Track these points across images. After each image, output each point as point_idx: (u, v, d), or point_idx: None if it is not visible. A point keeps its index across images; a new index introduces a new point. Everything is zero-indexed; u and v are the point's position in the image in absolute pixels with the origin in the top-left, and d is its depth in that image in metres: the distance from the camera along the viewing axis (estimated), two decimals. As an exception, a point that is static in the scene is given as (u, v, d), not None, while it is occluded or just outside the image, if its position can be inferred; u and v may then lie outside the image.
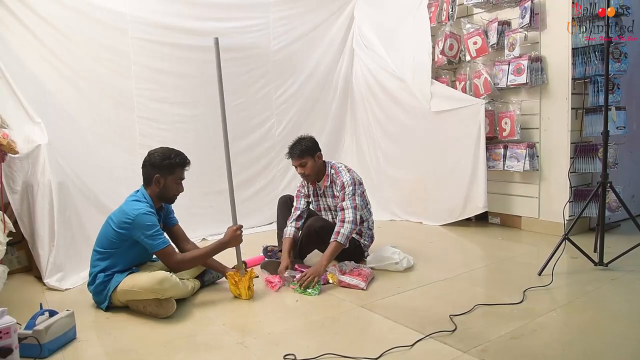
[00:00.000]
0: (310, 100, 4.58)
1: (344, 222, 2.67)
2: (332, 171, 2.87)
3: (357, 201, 2.73)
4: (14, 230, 2.64)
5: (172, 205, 2.59)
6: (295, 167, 2.87)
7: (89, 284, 2.39)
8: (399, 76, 4.26)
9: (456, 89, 4.07)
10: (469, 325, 2.02)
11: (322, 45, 4.59)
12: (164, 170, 2.37)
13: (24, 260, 3.03)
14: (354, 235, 2.84)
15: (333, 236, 2.64)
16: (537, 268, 2.69)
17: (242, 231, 2.50)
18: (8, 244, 2.55)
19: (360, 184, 2.87)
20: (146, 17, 3.61)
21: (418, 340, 1.88)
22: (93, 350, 1.92)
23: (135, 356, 1.85)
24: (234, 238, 2.45)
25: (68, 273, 2.79)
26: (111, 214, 2.41)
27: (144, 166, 2.42)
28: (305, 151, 2.80)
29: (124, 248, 2.33)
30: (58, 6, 3.24)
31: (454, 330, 1.97)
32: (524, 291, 2.37)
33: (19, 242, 2.95)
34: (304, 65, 4.49)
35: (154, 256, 2.41)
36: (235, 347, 1.91)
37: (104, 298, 2.32)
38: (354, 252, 2.87)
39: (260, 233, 3.91)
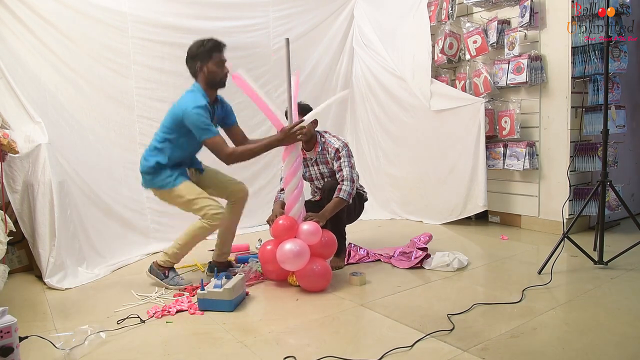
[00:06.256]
0: (310, 99, 4.54)
1: (343, 180, 2.79)
2: (322, 139, 2.93)
3: (352, 161, 2.87)
4: (14, 230, 2.64)
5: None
6: None
7: (145, 168, 2.64)
8: (399, 75, 4.26)
9: (456, 87, 4.07)
10: (469, 324, 2.03)
11: (322, 45, 4.59)
12: (202, 57, 2.52)
13: (25, 259, 3.03)
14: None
15: (336, 193, 2.77)
16: (536, 267, 2.70)
17: (301, 130, 2.51)
18: (9, 243, 2.55)
19: (348, 147, 2.94)
20: (146, 17, 3.61)
21: (418, 340, 1.88)
22: (93, 349, 1.92)
23: (135, 355, 1.85)
24: (288, 136, 2.49)
25: (69, 272, 2.79)
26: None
27: (186, 63, 2.59)
28: (305, 110, 2.83)
29: (179, 135, 2.55)
30: (58, 6, 3.24)
31: (452, 329, 1.97)
32: (524, 290, 2.38)
33: (20, 242, 2.96)
34: (304, 65, 4.49)
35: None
36: (235, 346, 1.91)
37: (160, 182, 2.58)
38: (360, 202, 3.05)
39: (261, 232, 3.91)
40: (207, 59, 2.53)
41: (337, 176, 2.85)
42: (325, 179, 2.97)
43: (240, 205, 2.84)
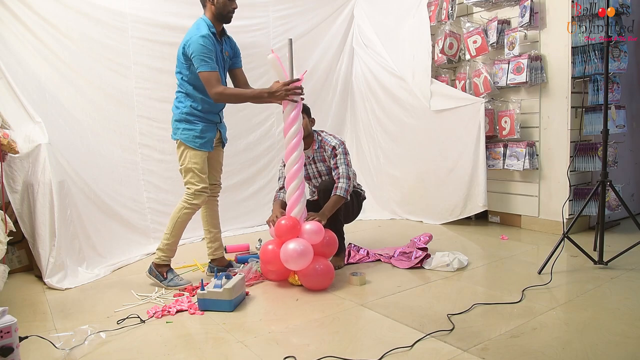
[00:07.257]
0: (310, 99, 4.55)
1: (340, 178, 2.82)
2: (319, 137, 2.96)
3: (348, 159, 2.91)
4: (14, 230, 2.64)
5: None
6: None
7: (179, 116, 2.65)
8: (399, 75, 4.27)
9: (456, 87, 4.07)
10: (469, 324, 2.03)
11: (322, 44, 4.59)
12: None
13: (25, 259, 3.03)
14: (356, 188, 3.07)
15: (333, 191, 2.79)
16: (536, 267, 2.70)
17: (288, 88, 2.54)
18: (9, 243, 2.56)
19: (345, 145, 2.97)
20: (146, 17, 3.61)
21: (418, 340, 1.88)
22: (93, 349, 1.92)
23: (135, 355, 1.85)
24: (274, 91, 2.54)
25: (69, 272, 2.79)
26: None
27: None
28: (303, 109, 2.85)
29: (194, 76, 2.55)
30: (58, 6, 3.24)
31: (452, 330, 1.97)
32: (524, 290, 2.38)
33: (20, 242, 2.96)
34: (304, 65, 4.49)
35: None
36: (235, 346, 1.91)
37: (188, 137, 2.58)
38: (358, 201, 3.07)
39: (261, 232, 3.92)
40: None
41: (334, 173, 2.86)
42: (323, 177, 2.98)
43: (213, 202, 2.87)
